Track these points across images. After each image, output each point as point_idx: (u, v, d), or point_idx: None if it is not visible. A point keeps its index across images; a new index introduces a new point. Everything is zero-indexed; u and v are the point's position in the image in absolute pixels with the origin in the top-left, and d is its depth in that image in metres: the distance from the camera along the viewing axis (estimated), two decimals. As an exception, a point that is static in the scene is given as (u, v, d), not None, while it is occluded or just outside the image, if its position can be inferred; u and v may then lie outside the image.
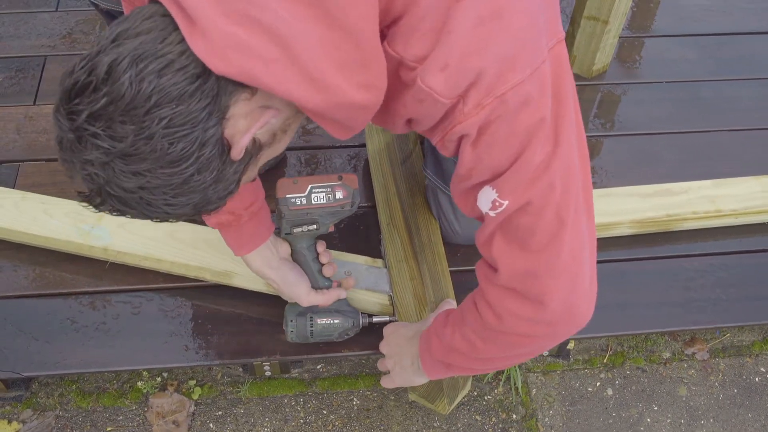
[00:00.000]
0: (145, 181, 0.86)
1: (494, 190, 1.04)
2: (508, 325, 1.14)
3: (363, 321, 1.55)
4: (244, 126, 0.91)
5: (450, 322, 1.28)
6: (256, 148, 0.96)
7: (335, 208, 1.45)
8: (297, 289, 1.48)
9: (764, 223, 1.84)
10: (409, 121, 1.07)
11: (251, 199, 1.41)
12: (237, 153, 0.92)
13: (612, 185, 1.90)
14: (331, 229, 1.50)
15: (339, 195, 1.46)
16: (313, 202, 1.45)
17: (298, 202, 1.43)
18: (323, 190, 1.46)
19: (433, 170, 1.66)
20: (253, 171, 1.00)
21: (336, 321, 1.51)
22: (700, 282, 1.76)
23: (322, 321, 1.51)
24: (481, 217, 1.11)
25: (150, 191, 0.88)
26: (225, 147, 0.91)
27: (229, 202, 1.33)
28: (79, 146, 0.85)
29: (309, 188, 1.45)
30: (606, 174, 1.96)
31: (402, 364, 1.46)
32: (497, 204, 1.04)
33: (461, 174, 1.06)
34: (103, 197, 0.90)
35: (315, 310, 1.51)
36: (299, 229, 1.45)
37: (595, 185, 1.94)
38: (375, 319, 1.57)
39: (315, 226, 1.47)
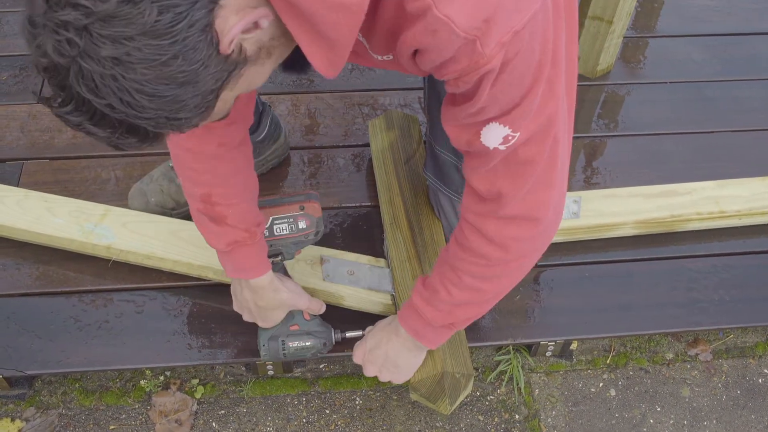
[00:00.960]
0: (124, 51, 0.77)
1: (506, 126, 1.04)
2: (514, 253, 1.19)
3: (336, 337, 1.54)
4: (234, 22, 0.84)
5: (439, 286, 1.28)
6: (241, 57, 0.88)
7: (299, 238, 1.46)
8: (302, 296, 1.50)
9: (768, 224, 1.84)
10: (415, 54, 1.00)
11: (259, 219, 1.40)
12: (225, 46, 0.84)
13: (616, 185, 1.89)
14: (298, 253, 1.52)
15: (302, 225, 1.46)
16: (275, 233, 1.46)
17: None
18: (285, 221, 1.46)
19: (433, 172, 1.66)
20: (230, 93, 0.92)
21: (307, 343, 1.51)
22: (704, 283, 1.76)
23: (294, 344, 1.51)
24: (478, 152, 1.10)
25: (126, 68, 0.78)
26: (213, 38, 0.83)
27: (243, 218, 1.34)
28: (56, 5, 0.76)
29: (270, 220, 1.46)
30: (610, 174, 1.96)
31: (390, 363, 1.46)
32: (509, 138, 1.05)
33: (471, 111, 1.03)
34: (68, 91, 0.80)
35: (287, 333, 1.51)
36: None
37: (600, 185, 1.93)
38: (348, 335, 1.55)
39: (279, 257, 1.48)
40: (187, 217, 1.76)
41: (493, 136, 1.05)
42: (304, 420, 1.67)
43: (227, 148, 1.30)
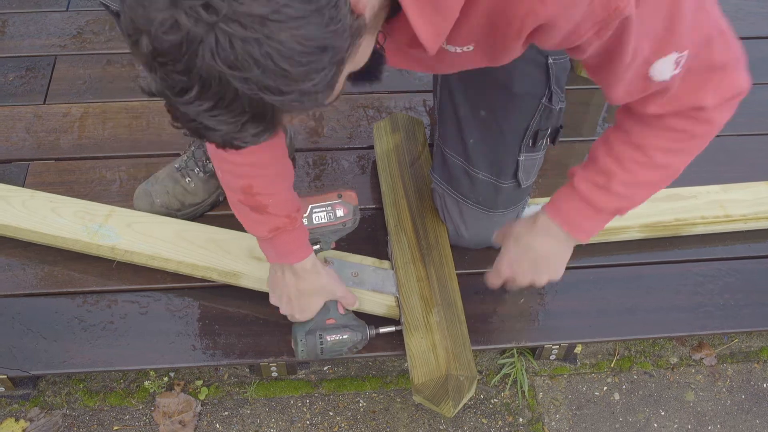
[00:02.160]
0: (273, 9, 0.71)
1: (671, 53, 1.03)
2: (718, 124, 1.19)
3: (370, 333, 1.55)
4: None
5: (618, 168, 1.25)
6: (363, 21, 0.82)
7: (337, 226, 1.48)
8: (340, 284, 1.53)
9: (773, 229, 1.83)
10: (534, 34, 0.98)
11: (298, 205, 1.42)
12: (360, 5, 0.80)
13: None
14: (333, 246, 1.54)
15: (340, 213, 1.50)
16: (314, 222, 1.49)
17: None
18: (324, 209, 1.50)
19: (440, 173, 1.66)
20: (347, 68, 0.85)
21: (345, 336, 1.51)
22: (709, 287, 1.76)
23: (331, 338, 1.50)
24: (657, 90, 1.10)
25: (273, 29, 0.71)
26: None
27: (284, 206, 1.35)
28: None
29: (309, 209, 1.49)
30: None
31: (544, 264, 1.43)
32: (680, 60, 1.04)
33: (627, 61, 1.02)
34: (193, 72, 0.74)
35: (323, 327, 1.50)
36: None
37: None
38: (382, 330, 1.56)
39: (318, 246, 1.50)
40: (191, 218, 1.77)
41: (665, 68, 1.04)
42: (308, 422, 1.67)
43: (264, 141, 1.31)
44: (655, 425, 1.69)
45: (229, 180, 1.35)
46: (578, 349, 1.76)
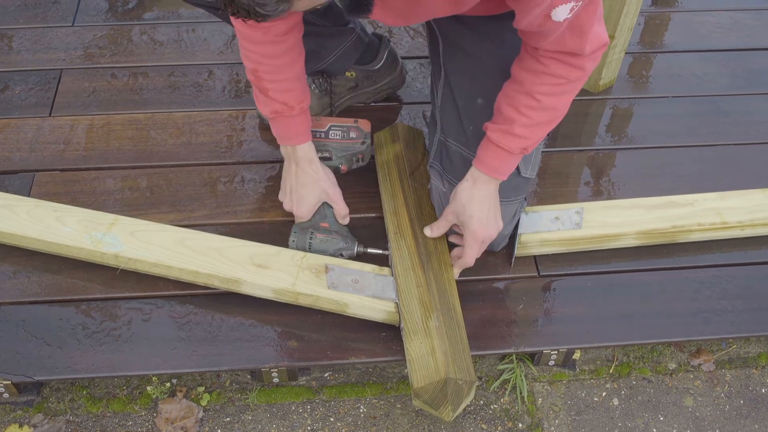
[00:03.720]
0: None
1: (570, 3, 1.26)
2: (588, 70, 1.46)
3: (358, 249, 1.74)
4: None
5: (516, 114, 1.49)
6: None
7: (347, 145, 1.83)
8: (331, 179, 1.79)
9: (770, 235, 1.85)
10: None
11: (302, 97, 1.67)
12: None
13: (620, 197, 1.92)
14: (344, 169, 1.87)
15: (353, 134, 1.85)
16: (329, 136, 1.85)
17: (318, 135, 1.82)
18: (340, 128, 1.86)
19: (440, 162, 1.74)
20: None
21: (333, 238, 1.73)
22: (707, 293, 1.77)
23: (320, 236, 1.73)
24: (547, 30, 1.33)
25: None
26: None
27: (284, 94, 1.64)
28: None
29: (328, 126, 1.85)
30: (614, 186, 1.98)
31: (494, 216, 1.64)
32: (574, 8, 1.28)
33: (539, 2, 1.26)
34: None
35: (317, 227, 1.74)
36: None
37: (603, 196, 1.95)
38: (370, 250, 1.74)
39: (327, 156, 1.84)
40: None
41: (562, 12, 1.28)
42: (309, 428, 1.69)
43: (272, 35, 1.55)
44: (654, 430, 1.70)
45: (244, 60, 1.63)
46: (577, 355, 1.78)
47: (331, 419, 1.71)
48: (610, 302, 1.75)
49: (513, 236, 1.77)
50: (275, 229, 1.84)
